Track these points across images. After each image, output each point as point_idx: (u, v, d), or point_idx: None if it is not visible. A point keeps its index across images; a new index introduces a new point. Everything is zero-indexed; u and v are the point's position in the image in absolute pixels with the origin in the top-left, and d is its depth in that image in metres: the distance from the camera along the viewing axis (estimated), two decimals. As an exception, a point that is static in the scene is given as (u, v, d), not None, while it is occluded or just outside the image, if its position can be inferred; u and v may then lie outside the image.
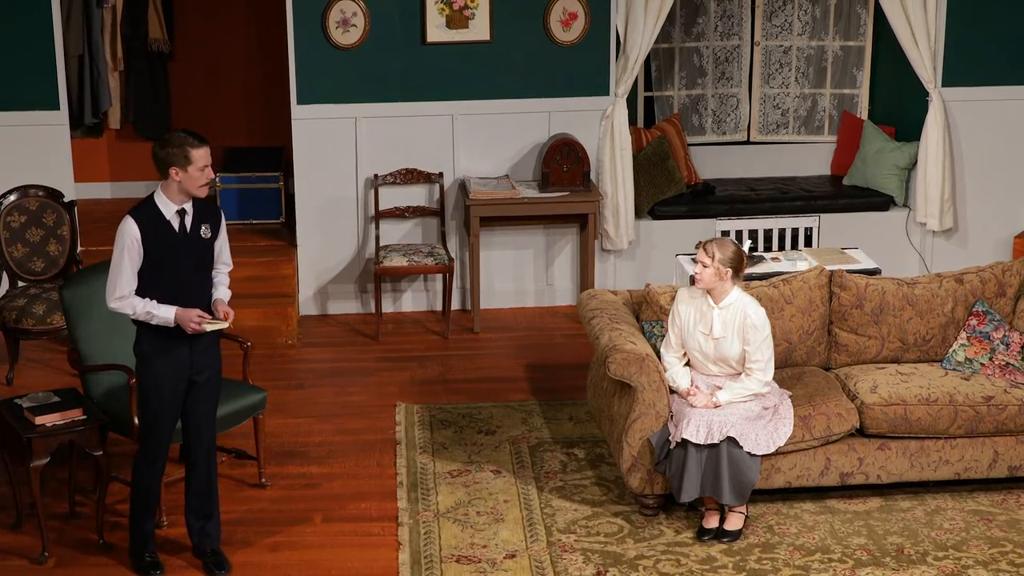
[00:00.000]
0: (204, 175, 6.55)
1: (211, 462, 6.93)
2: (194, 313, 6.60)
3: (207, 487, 6.93)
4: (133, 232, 6.52)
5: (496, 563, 6.88)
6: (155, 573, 6.82)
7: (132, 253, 6.52)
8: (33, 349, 9.60)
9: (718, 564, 6.86)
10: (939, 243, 10.71)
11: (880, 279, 7.96)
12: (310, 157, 10.17)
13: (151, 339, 6.65)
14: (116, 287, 6.56)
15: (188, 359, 6.71)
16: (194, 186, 6.55)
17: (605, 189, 10.27)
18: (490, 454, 8.05)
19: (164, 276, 6.59)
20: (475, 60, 10.11)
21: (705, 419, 7.01)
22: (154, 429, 6.77)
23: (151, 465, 6.81)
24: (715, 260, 7.05)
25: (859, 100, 11.25)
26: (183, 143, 6.51)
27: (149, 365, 6.68)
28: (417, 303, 10.49)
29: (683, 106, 11.21)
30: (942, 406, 7.39)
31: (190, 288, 6.68)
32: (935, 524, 7.25)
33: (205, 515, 6.95)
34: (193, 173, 6.52)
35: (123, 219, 6.56)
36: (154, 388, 6.70)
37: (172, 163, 6.51)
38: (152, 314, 6.57)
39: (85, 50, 11.01)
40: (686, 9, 11.03)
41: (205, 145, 6.56)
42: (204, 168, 6.54)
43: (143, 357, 6.70)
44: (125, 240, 6.52)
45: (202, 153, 6.53)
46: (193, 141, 6.53)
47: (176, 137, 6.56)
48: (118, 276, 6.55)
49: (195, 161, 6.51)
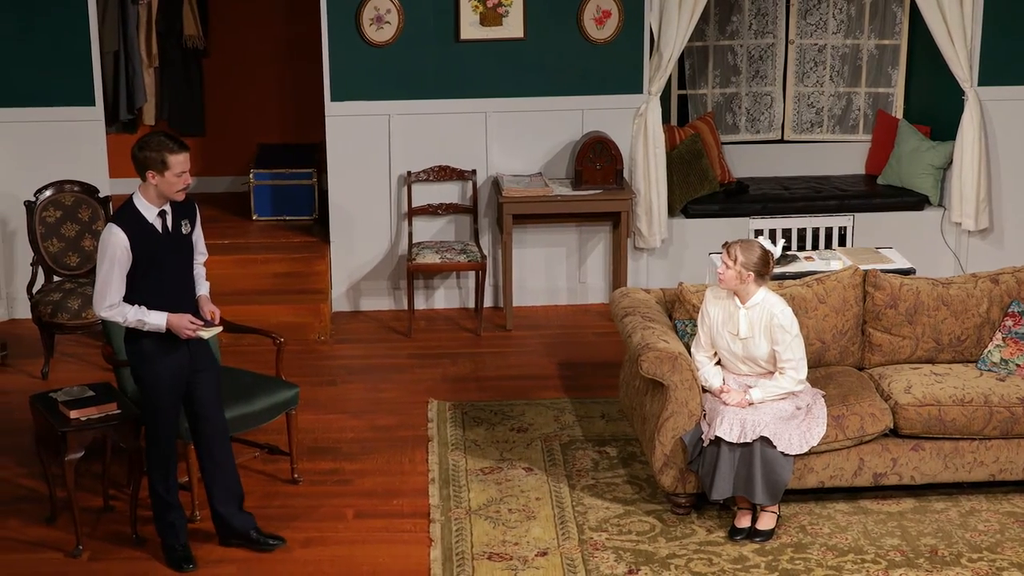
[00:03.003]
0: (181, 180, 6.51)
1: (228, 446, 6.98)
2: (186, 319, 6.62)
3: (231, 470, 6.98)
4: (121, 241, 6.48)
5: (527, 561, 6.88)
6: (187, 567, 6.84)
7: (120, 261, 6.50)
8: (68, 344, 9.65)
9: (750, 564, 6.84)
10: (974, 243, 10.65)
11: (914, 279, 7.92)
12: (343, 154, 10.19)
13: (152, 338, 6.65)
14: (106, 296, 6.54)
15: (188, 356, 6.75)
16: (171, 191, 6.52)
17: (638, 187, 10.26)
18: (522, 452, 8.05)
19: (151, 279, 6.59)
20: (508, 58, 10.11)
21: (738, 417, 7.00)
22: (161, 427, 6.78)
23: (165, 463, 6.83)
24: (737, 263, 7.04)
25: (894, 99, 11.20)
26: (161, 148, 6.46)
27: (151, 364, 6.68)
28: (449, 300, 10.50)
29: (717, 104, 11.18)
30: (977, 407, 7.35)
31: (176, 287, 6.69)
32: (969, 526, 7.21)
33: (237, 498, 7.01)
34: (170, 178, 6.49)
35: (106, 227, 6.51)
36: (157, 387, 6.71)
37: (149, 167, 6.48)
38: (144, 321, 6.58)
39: (120, 46, 11.06)
40: (720, 7, 11.01)
41: (184, 151, 6.51)
42: (181, 174, 6.50)
43: (143, 357, 6.67)
44: (112, 250, 6.48)
45: (181, 159, 6.49)
46: (172, 146, 6.48)
47: (155, 140, 6.50)
48: (107, 285, 6.52)
49: (172, 167, 6.47)
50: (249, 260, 10.17)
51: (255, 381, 7.61)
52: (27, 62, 9.80)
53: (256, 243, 10.47)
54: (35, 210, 9.29)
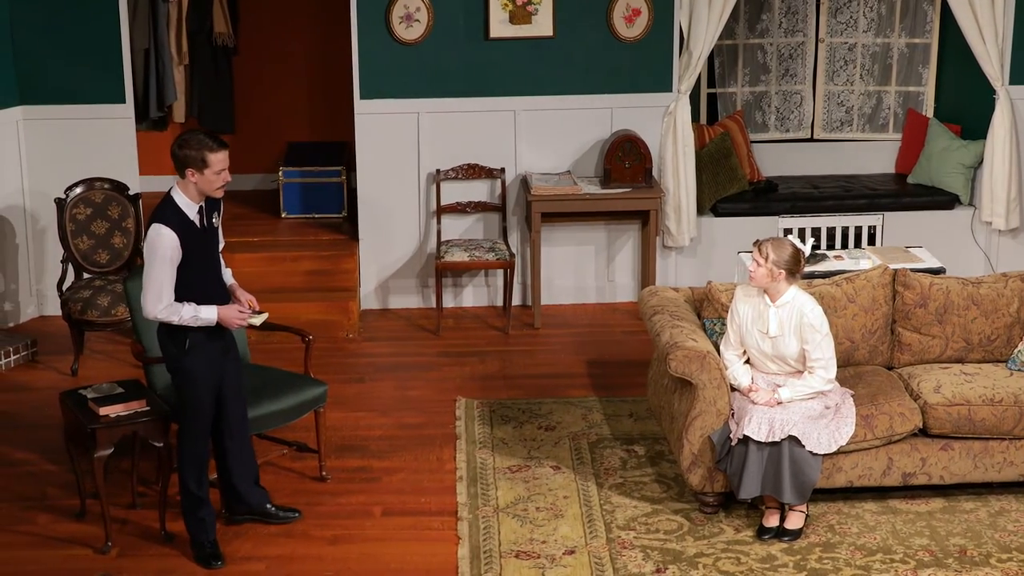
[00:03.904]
0: (220, 178, 6.56)
1: (247, 424, 7.12)
2: (235, 310, 6.71)
3: (249, 447, 7.15)
4: (171, 241, 6.51)
5: (555, 559, 6.87)
6: (216, 563, 6.87)
7: (173, 260, 6.53)
8: (97, 341, 9.69)
9: (778, 563, 6.83)
10: (1005, 242, 10.60)
11: (944, 278, 7.89)
12: (372, 152, 10.20)
13: (197, 334, 6.70)
14: (161, 296, 6.55)
15: (223, 346, 6.85)
16: (210, 188, 6.58)
17: (667, 186, 10.24)
18: (550, 450, 8.05)
19: (193, 273, 6.64)
20: (538, 56, 10.11)
21: (767, 416, 6.99)
22: (198, 422, 6.83)
23: (198, 459, 6.87)
24: (768, 260, 7.02)
25: (924, 98, 11.15)
26: (201, 146, 6.50)
27: (194, 359, 6.73)
28: (478, 298, 10.50)
29: (746, 103, 11.16)
30: (1007, 407, 7.32)
31: (213, 279, 6.79)
32: (999, 526, 7.18)
33: (253, 474, 7.17)
34: (209, 176, 6.53)
35: (152, 228, 6.53)
36: (198, 382, 6.76)
37: (189, 165, 6.52)
38: (197, 317, 6.63)
39: (151, 44, 11.10)
40: (750, 5, 10.99)
41: (224, 149, 6.55)
42: (220, 172, 6.55)
43: (187, 352, 6.71)
44: (163, 250, 6.51)
45: (220, 157, 6.53)
46: (212, 144, 6.51)
47: (195, 139, 6.54)
48: (162, 286, 6.54)
49: (212, 165, 6.51)
50: (278, 258, 10.20)
51: (284, 378, 7.62)
52: (58, 59, 9.85)
53: (285, 241, 10.50)
54: (65, 207, 9.34)
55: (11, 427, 8.42)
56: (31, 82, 9.90)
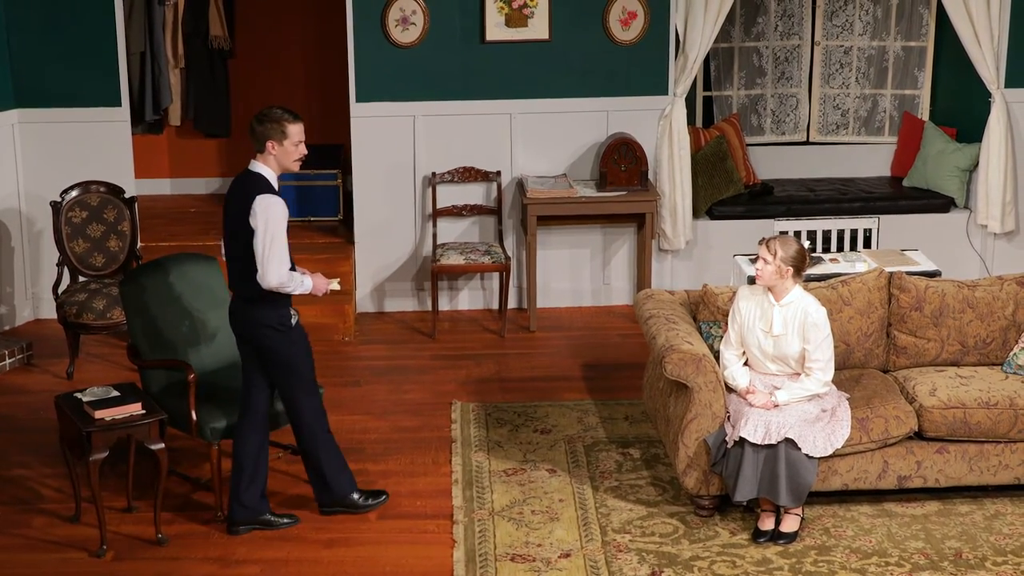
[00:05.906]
0: (298, 150, 6.86)
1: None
2: (320, 276, 7.00)
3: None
4: (284, 208, 6.78)
5: (551, 562, 6.87)
6: (383, 497, 7.38)
7: (285, 228, 6.77)
8: (93, 344, 9.69)
9: (774, 566, 6.83)
10: (1000, 245, 10.61)
11: (940, 281, 7.90)
12: (368, 155, 10.20)
13: (288, 307, 6.95)
14: (284, 262, 6.76)
15: None
16: (288, 160, 6.85)
17: (663, 189, 10.24)
18: (545, 453, 8.04)
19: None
20: (534, 59, 10.11)
21: (763, 419, 6.99)
22: (311, 389, 7.11)
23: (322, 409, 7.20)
24: (776, 258, 7.03)
25: (920, 101, 11.16)
26: (280, 118, 6.80)
27: (289, 333, 6.96)
28: (473, 301, 10.50)
29: (742, 106, 11.17)
30: (1002, 410, 7.32)
31: None
32: (994, 529, 7.18)
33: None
34: (288, 147, 6.82)
35: (261, 200, 6.71)
36: (302, 343, 7.04)
37: (270, 136, 6.79)
38: (304, 283, 6.92)
39: (147, 47, 11.10)
40: (746, 8, 10.99)
41: (300, 121, 6.85)
42: (299, 143, 6.84)
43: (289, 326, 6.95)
44: (280, 219, 6.74)
45: (297, 128, 6.82)
46: (289, 117, 6.82)
47: (273, 112, 6.83)
48: (284, 252, 6.76)
49: (291, 136, 6.81)
50: (274, 261, 10.17)
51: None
52: (54, 62, 9.85)
53: (281, 244, 10.48)
54: (61, 210, 9.33)
55: (6, 430, 8.41)
56: (27, 85, 9.89)
